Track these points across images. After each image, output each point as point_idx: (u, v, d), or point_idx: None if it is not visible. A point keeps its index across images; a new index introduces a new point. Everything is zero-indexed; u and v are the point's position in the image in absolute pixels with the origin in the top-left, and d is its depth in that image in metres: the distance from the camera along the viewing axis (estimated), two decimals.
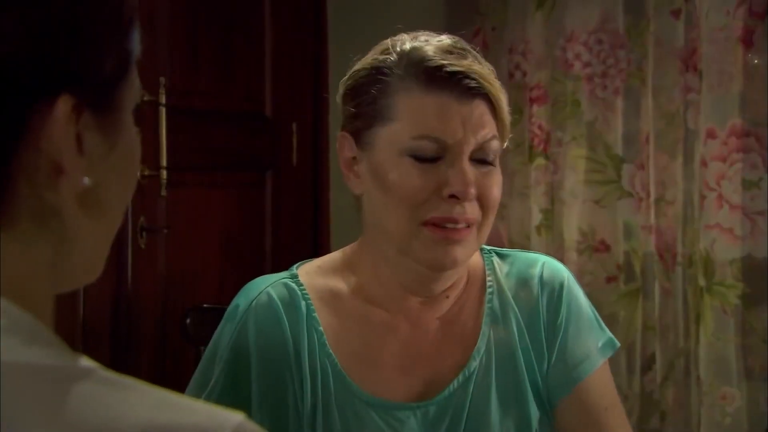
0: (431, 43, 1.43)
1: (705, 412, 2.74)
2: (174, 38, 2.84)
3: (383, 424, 1.45)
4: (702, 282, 2.76)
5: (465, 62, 1.41)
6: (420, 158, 1.40)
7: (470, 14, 3.25)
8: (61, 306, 0.82)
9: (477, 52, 1.48)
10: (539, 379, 1.52)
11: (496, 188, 1.43)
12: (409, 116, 1.41)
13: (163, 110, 2.71)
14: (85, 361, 0.74)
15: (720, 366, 2.73)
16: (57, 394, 0.71)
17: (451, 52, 1.42)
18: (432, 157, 1.40)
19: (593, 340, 1.56)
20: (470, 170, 1.40)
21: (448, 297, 1.51)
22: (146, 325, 2.78)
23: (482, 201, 1.42)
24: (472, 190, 1.40)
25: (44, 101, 0.75)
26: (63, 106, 0.76)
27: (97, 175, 0.79)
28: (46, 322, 0.77)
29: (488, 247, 1.59)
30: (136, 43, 0.82)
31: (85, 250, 0.81)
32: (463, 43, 1.46)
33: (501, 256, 1.58)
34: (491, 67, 1.47)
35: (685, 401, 2.89)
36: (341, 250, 1.55)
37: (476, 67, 1.41)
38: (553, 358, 1.53)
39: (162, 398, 0.74)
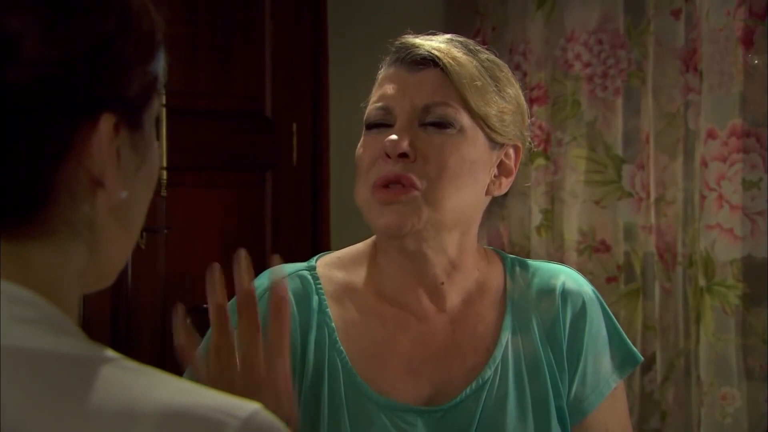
0: (421, 35, 1.48)
1: (705, 412, 2.74)
2: (174, 39, 2.84)
3: (391, 425, 1.43)
4: (702, 282, 2.76)
5: (426, 42, 1.46)
6: (370, 126, 1.45)
7: (470, 14, 3.25)
8: None
9: (483, 48, 1.50)
10: (561, 390, 1.50)
11: (445, 152, 1.42)
12: (373, 93, 1.48)
13: (163, 111, 2.71)
14: (109, 351, 0.79)
15: (720, 366, 2.73)
16: (82, 379, 0.75)
17: (425, 38, 1.47)
18: (381, 123, 1.44)
19: (608, 365, 1.54)
20: (413, 133, 1.42)
21: (443, 284, 1.49)
22: (146, 326, 2.78)
23: (429, 164, 1.42)
24: (403, 145, 1.40)
25: (87, 120, 0.80)
26: (105, 124, 0.81)
27: (130, 189, 0.85)
28: (72, 317, 0.82)
29: (510, 256, 1.58)
30: (162, 64, 0.88)
31: (112, 257, 0.87)
32: (461, 38, 1.49)
33: (523, 266, 1.56)
34: (494, 63, 1.49)
35: (686, 401, 2.89)
36: (364, 242, 1.55)
37: (440, 45, 1.45)
38: (575, 384, 1.51)
39: (182, 384, 0.78)
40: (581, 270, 3.00)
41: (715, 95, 2.75)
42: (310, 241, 3.25)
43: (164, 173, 2.72)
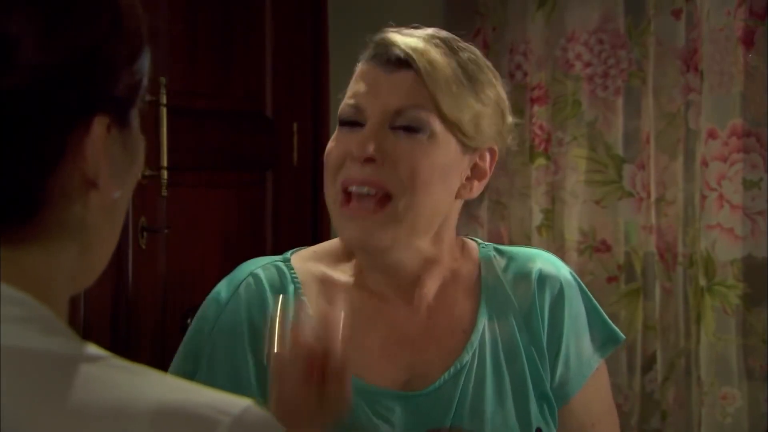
0: (403, 30, 1.48)
1: (705, 412, 2.74)
2: (174, 38, 2.84)
3: (370, 411, 1.44)
4: (703, 282, 2.76)
5: (404, 39, 1.44)
6: (343, 122, 1.45)
7: (470, 14, 3.25)
8: None
9: (468, 46, 1.49)
10: (542, 375, 1.51)
11: (415, 157, 1.41)
12: (349, 87, 1.48)
13: (164, 110, 2.71)
14: (97, 350, 0.79)
15: (721, 366, 2.73)
16: (73, 378, 0.75)
17: (406, 34, 1.46)
18: (353, 121, 1.44)
19: (589, 346, 1.55)
20: (383, 135, 1.41)
21: (419, 277, 1.49)
22: (146, 325, 2.78)
23: (398, 169, 1.41)
24: (370, 149, 1.40)
25: (81, 122, 0.80)
26: (99, 126, 0.81)
27: (122, 188, 0.85)
28: (62, 316, 0.82)
29: (486, 244, 1.58)
30: (148, 61, 0.87)
31: (102, 254, 0.87)
32: (444, 35, 1.48)
33: (499, 251, 1.57)
34: (476, 63, 1.47)
35: (686, 401, 2.89)
36: (339, 237, 1.56)
37: (418, 44, 1.43)
38: (558, 366, 1.52)
39: (172, 381, 0.79)
40: (582, 270, 3.02)
41: (715, 95, 2.75)
42: (311, 241, 3.25)
43: (165, 173, 2.72)
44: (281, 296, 1.33)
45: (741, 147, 2.71)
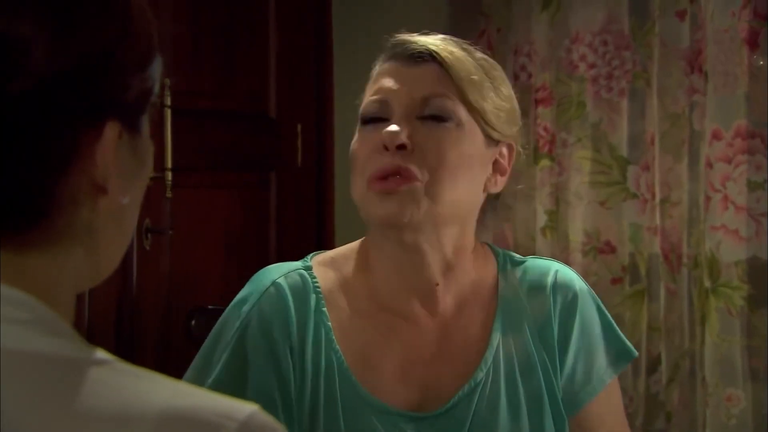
0: (416, 34, 1.50)
1: (710, 413, 2.74)
2: (178, 39, 2.84)
3: (383, 429, 1.43)
4: (707, 283, 2.76)
5: (423, 38, 1.48)
6: (366, 120, 1.46)
7: (475, 15, 3.25)
8: None
9: (479, 49, 1.52)
10: (556, 389, 1.49)
11: (445, 145, 1.43)
12: (368, 88, 1.49)
13: (168, 112, 2.71)
14: (102, 353, 0.78)
15: (725, 367, 2.73)
16: (76, 381, 0.75)
17: (421, 35, 1.49)
18: (377, 117, 1.45)
19: (602, 361, 1.53)
20: (412, 125, 1.43)
21: (438, 285, 1.48)
22: (151, 327, 2.78)
23: (428, 156, 1.42)
24: (402, 136, 1.41)
25: (91, 127, 0.80)
26: (110, 131, 0.81)
27: (130, 193, 0.85)
28: (67, 319, 0.81)
29: (502, 252, 1.56)
30: (159, 66, 0.87)
31: (109, 258, 0.87)
32: (456, 39, 1.51)
33: (514, 262, 1.55)
34: (489, 62, 1.51)
35: (690, 402, 2.89)
36: (357, 241, 1.54)
37: (436, 41, 1.47)
38: (562, 377, 1.50)
39: (178, 386, 0.78)
40: (586, 271, 3.02)
41: (719, 96, 2.75)
42: (315, 242, 3.25)
43: (169, 174, 2.72)
44: None
45: (745, 148, 2.71)
